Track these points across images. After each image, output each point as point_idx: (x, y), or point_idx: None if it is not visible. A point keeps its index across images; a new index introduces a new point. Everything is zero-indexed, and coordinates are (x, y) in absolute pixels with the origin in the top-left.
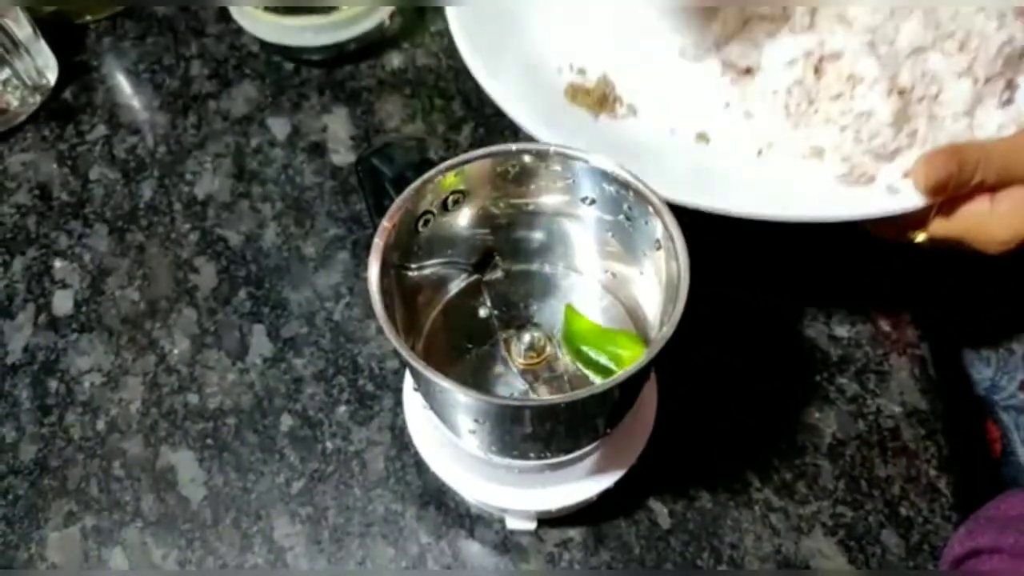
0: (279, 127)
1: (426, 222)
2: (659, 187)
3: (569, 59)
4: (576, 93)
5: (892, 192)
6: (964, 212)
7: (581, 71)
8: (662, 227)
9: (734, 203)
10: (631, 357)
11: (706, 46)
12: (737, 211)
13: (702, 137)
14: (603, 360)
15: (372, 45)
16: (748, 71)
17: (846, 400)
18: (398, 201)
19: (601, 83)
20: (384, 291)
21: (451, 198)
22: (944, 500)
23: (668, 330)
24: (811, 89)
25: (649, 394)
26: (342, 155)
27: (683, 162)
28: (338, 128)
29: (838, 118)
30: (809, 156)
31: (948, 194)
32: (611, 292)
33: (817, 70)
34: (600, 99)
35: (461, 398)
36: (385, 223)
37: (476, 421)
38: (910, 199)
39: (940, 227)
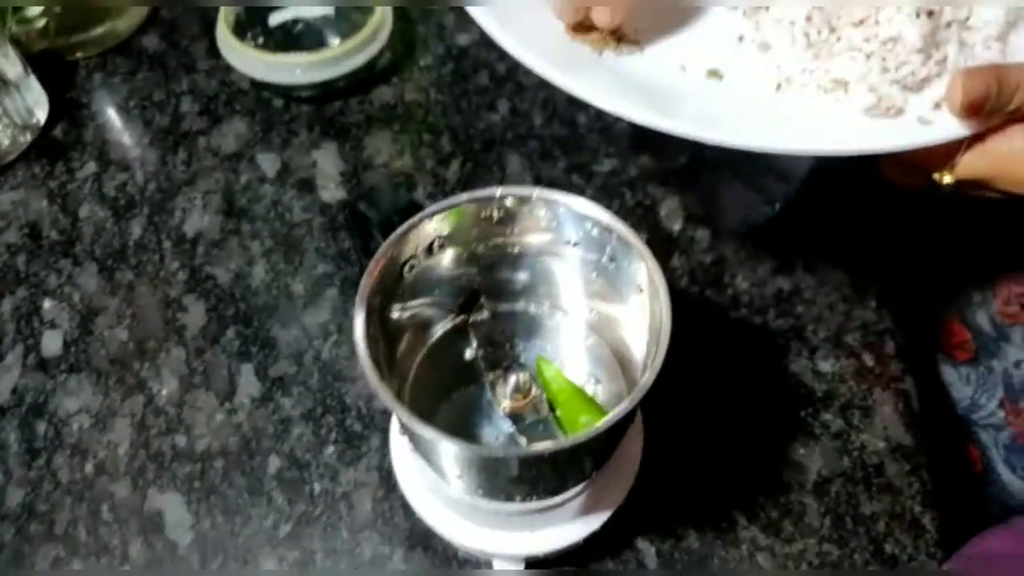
0: (268, 163)
1: (411, 267)
2: (670, 125)
3: None
4: (578, 28)
5: (923, 123)
6: (996, 148)
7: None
8: (645, 270)
9: (751, 138)
10: (587, 423)
11: None
12: (756, 145)
13: (714, 74)
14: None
15: (361, 81)
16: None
17: (831, 436)
18: (382, 248)
19: None
20: (370, 337)
21: (436, 242)
22: (929, 536)
23: (650, 376)
24: (832, 15)
25: (635, 434)
26: (331, 191)
27: (695, 100)
28: (327, 164)
29: (862, 45)
30: (832, 89)
31: (983, 117)
32: (596, 331)
33: None
34: (603, 35)
35: (446, 446)
36: (370, 269)
37: (462, 467)
38: (943, 129)
39: (969, 165)
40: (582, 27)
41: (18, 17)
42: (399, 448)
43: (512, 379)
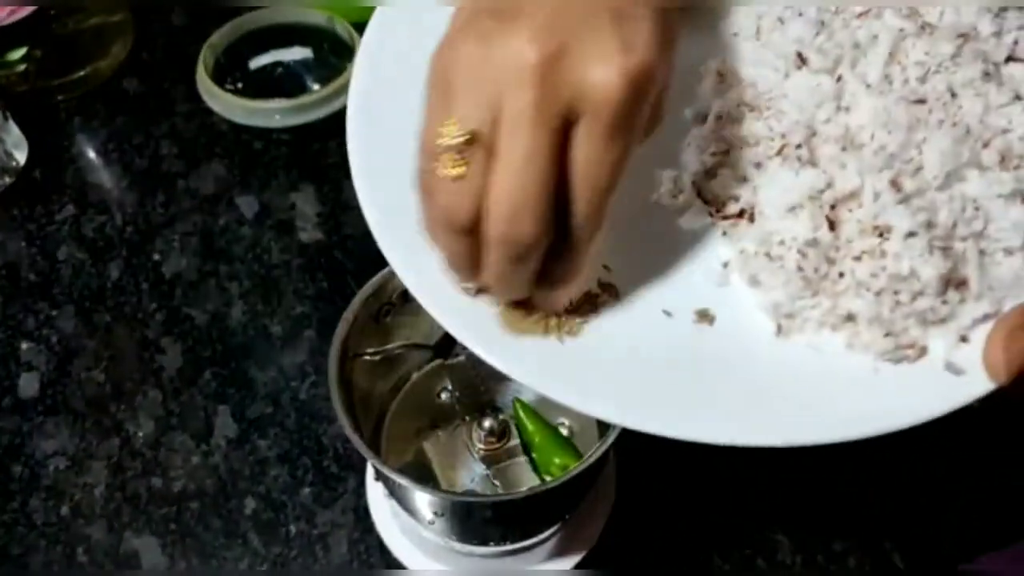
0: (247, 205)
1: (387, 312)
2: (658, 428)
3: None
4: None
5: (955, 373)
6: None
7: None
8: None
9: (763, 433)
10: (561, 466)
11: (682, 183)
12: (775, 442)
13: (704, 316)
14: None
15: (340, 122)
16: (742, 215)
17: (803, 473)
18: (357, 296)
19: None
20: (343, 382)
21: None
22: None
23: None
24: (828, 248)
25: (608, 476)
26: (309, 232)
27: (687, 365)
28: (305, 206)
29: (869, 281)
30: (840, 325)
31: None
32: None
33: (832, 223)
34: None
35: (419, 493)
36: (345, 316)
37: (435, 513)
38: (981, 383)
39: None
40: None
41: None
42: (375, 491)
43: (487, 423)
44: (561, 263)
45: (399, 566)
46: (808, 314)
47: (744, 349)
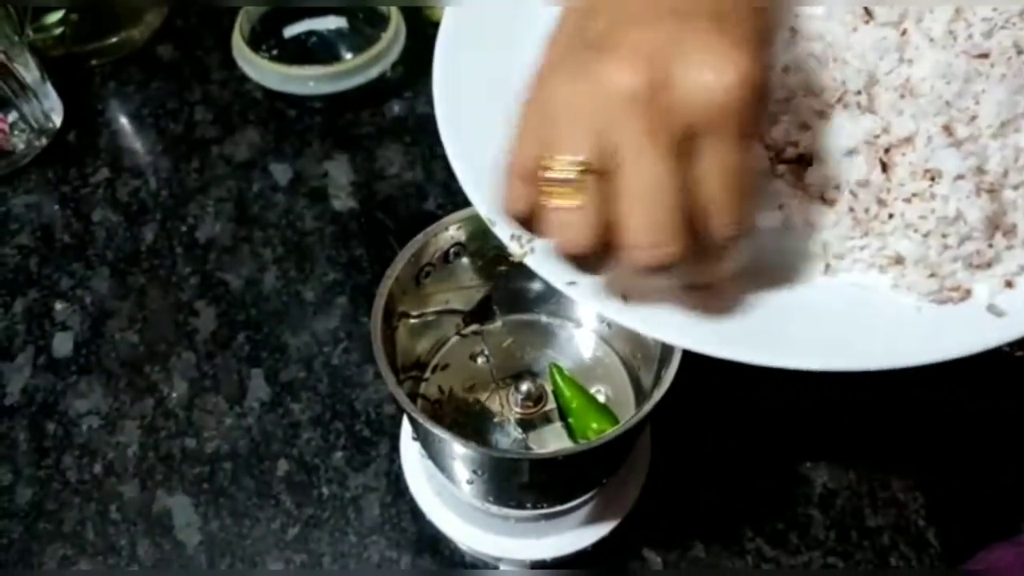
0: (281, 172)
1: (427, 274)
2: (708, 344)
3: None
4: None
5: (996, 315)
6: None
7: None
8: None
9: (800, 357)
10: (598, 432)
11: None
12: (809, 366)
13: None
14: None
15: (373, 93)
16: (801, 160)
17: (837, 449)
18: (401, 254)
19: None
20: (385, 340)
21: (452, 250)
22: (933, 551)
23: (662, 389)
24: (880, 189)
25: (643, 444)
26: (342, 200)
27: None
28: (339, 174)
29: (918, 223)
30: (888, 266)
31: None
32: (607, 342)
33: (885, 165)
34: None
35: (460, 449)
36: (388, 275)
37: (474, 472)
38: (1020, 325)
39: None
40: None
41: (36, 24)
42: (409, 453)
43: (523, 387)
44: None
45: (432, 529)
46: (857, 255)
47: (792, 287)
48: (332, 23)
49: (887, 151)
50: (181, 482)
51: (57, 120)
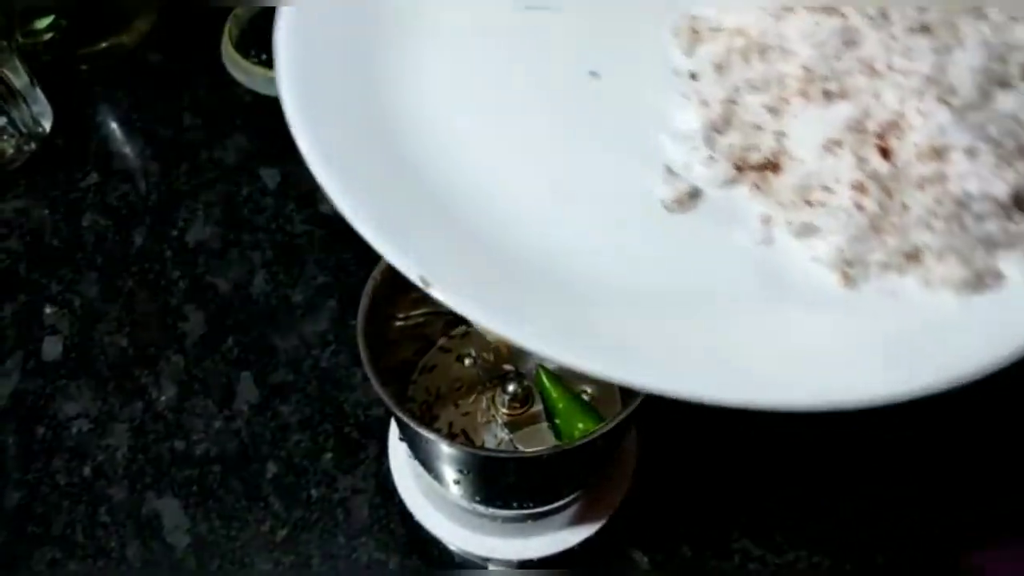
0: (269, 177)
1: None
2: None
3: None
4: None
5: None
6: None
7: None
8: None
9: (861, 391)
10: (584, 432)
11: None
12: (878, 399)
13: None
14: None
15: None
16: (772, 167)
17: (824, 446)
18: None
19: None
20: (371, 341)
21: None
22: (923, 550)
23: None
24: (887, 179)
25: (630, 443)
26: (330, 205)
27: (757, 328)
28: None
29: (936, 208)
30: (906, 265)
31: None
32: None
33: (885, 152)
34: None
35: (446, 449)
36: (373, 277)
37: (461, 472)
38: None
39: None
40: None
41: (25, 30)
42: (397, 454)
43: (510, 388)
44: None
45: (421, 530)
46: (872, 257)
47: (810, 305)
48: None
49: (880, 136)
50: (170, 485)
51: (47, 125)
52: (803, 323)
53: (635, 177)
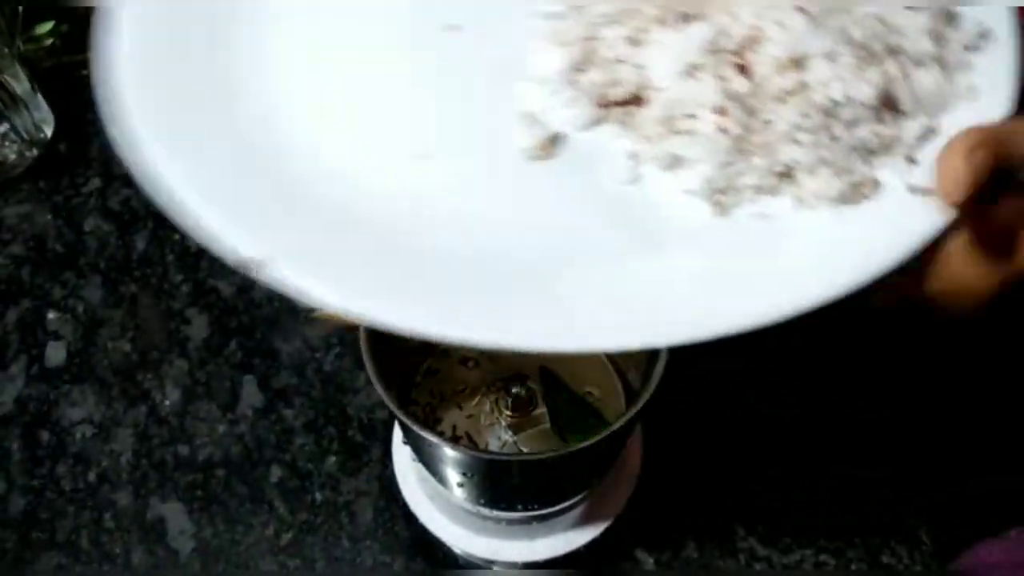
0: None
1: None
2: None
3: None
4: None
5: (921, 194)
6: None
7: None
8: None
9: (748, 315)
10: (588, 433)
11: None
12: (765, 319)
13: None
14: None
15: None
16: (635, 100)
17: (829, 446)
18: None
19: None
20: (374, 345)
21: None
22: (925, 548)
23: (650, 389)
24: (747, 97)
25: (634, 444)
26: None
27: (630, 271)
28: None
29: (801, 121)
30: (778, 186)
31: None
32: None
33: (743, 68)
34: None
35: (449, 452)
36: None
37: (464, 474)
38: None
39: None
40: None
41: (26, 35)
42: (401, 457)
43: (513, 391)
44: None
45: (425, 533)
46: (742, 181)
47: (684, 237)
48: None
49: (736, 53)
50: (175, 489)
51: (48, 131)
52: (675, 259)
53: (495, 129)
